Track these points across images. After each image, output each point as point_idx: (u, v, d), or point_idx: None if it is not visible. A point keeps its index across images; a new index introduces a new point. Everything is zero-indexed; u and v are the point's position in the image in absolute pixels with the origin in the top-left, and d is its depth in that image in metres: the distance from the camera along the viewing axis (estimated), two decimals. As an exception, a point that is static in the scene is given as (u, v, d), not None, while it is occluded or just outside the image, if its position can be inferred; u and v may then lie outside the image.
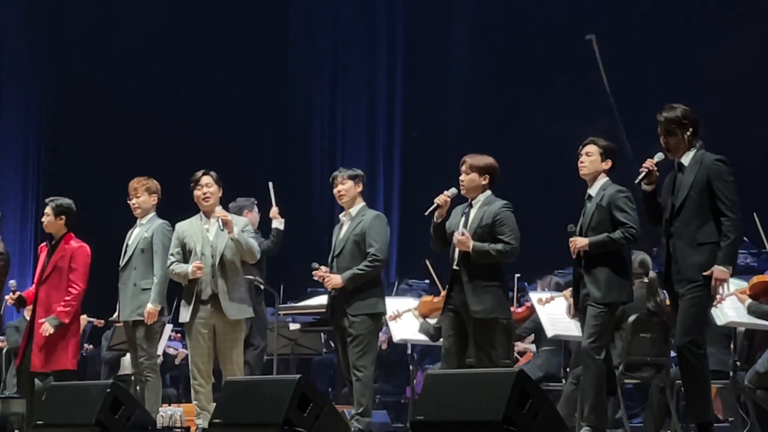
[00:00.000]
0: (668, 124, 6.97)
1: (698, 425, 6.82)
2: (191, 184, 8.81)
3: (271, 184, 10.20)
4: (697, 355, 6.79)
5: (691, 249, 6.86)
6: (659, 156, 7.06)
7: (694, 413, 6.95)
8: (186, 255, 8.73)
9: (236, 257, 8.70)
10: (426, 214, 7.96)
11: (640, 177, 7.03)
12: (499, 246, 7.73)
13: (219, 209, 8.73)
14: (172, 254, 8.77)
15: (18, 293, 9.38)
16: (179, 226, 8.85)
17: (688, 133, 6.97)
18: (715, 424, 7.03)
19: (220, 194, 8.85)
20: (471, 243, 7.71)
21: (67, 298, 9.20)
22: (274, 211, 10.16)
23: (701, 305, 6.87)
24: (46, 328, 9.06)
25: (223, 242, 8.68)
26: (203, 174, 8.80)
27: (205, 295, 8.62)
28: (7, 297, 9.41)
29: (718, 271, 6.78)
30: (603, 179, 7.55)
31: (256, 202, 10.50)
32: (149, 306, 8.91)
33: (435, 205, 7.92)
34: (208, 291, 8.62)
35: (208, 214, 8.79)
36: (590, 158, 7.55)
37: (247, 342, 9.87)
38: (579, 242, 7.41)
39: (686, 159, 6.98)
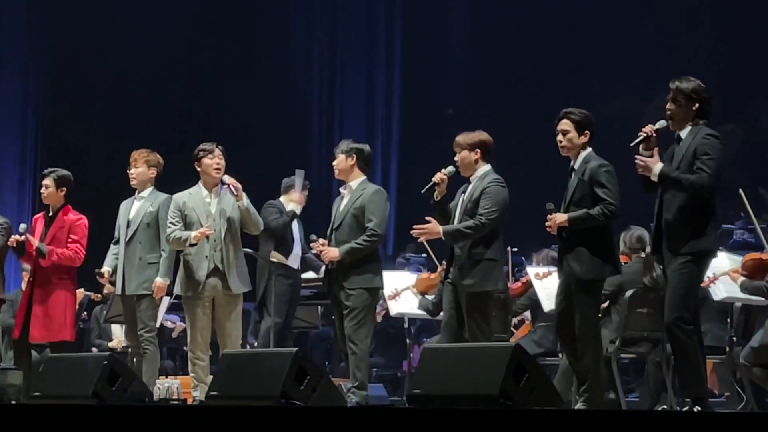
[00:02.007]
0: (677, 93, 6.95)
1: (692, 400, 6.84)
2: (199, 153, 8.78)
3: (300, 172, 10.25)
4: (685, 330, 6.77)
5: (677, 222, 6.85)
6: (661, 123, 7.02)
7: (686, 388, 6.96)
8: (187, 227, 8.73)
9: (239, 230, 8.71)
10: (423, 192, 7.97)
11: (636, 141, 7.01)
12: (469, 223, 7.74)
13: (227, 177, 8.72)
14: (172, 223, 8.76)
15: (25, 237, 9.33)
16: (178, 196, 8.84)
17: (694, 108, 6.93)
18: (710, 400, 7.04)
19: None
20: (440, 229, 7.76)
21: (67, 251, 9.21)
22: (300, 196, 10.29)
23: (690, 281, 6.84)
24: (30, 239, 9.18)
25: (226, 214, 8.67)
26: (217, 145, 8.80)
27: (208, 269, 8.63)
28: (14, 237, 9.37)
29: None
30: (585, 151, 7.40)
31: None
32: (158, 280, 8.92)
33: (432, 182, 7.93)
34: (210, 264, 8.63)
35: (209, 186, 8.78)
36: (567, 136, 7.40)
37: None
38: (558, 218, 7.30)
39: (684, 132, 6.97)
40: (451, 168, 7.96)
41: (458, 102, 16.83)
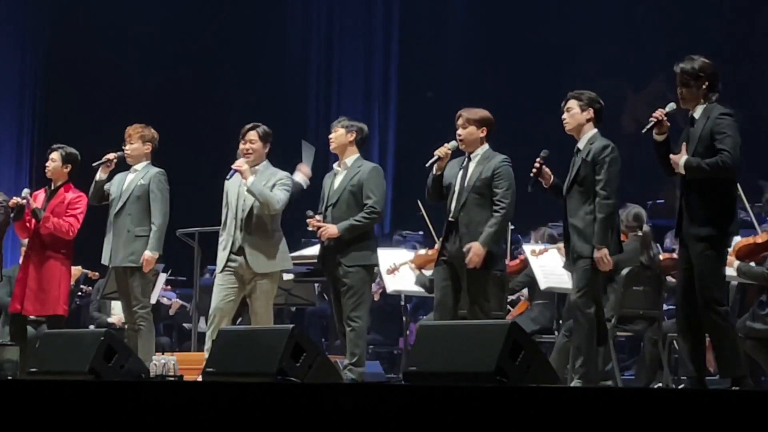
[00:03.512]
0: (683, 75, 6.91)
1: (732, 380, 6.82)
2: (240, 138, 8.74)
3: (304, 144, 10.24)
4: (720, 312, 6.74)
5: (698, 205, 6.83)
6: (671, 106, 6.99)
7: (725, 370, 6.90)
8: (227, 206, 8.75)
9: (263, 210, 8.62)
10: (426, 165, 7.98)
11: (648, 126, 6.99)
12: (497, 218, 7.74)
13: (240, 161, 8.66)
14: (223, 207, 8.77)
15: (25, 200, 9.33)
16: (228, 182, 8.78)
17: (704, 87, 6.89)
18: (707, 378, 7.05)
19: (266, 150, 8.75)
20: (479, 246, 7.67)
21: (62, 221, 9.22)
22: (305, 168, 10.23)
23: (714, 261, 6.81)
24: (30, 201, 9.25)
25: (243, 195, 8.63)
26: (250, 129, 8.72)
27: (232, 248, 8.59)
28: (15, 198, 9.39)
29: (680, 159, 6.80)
30: (590, 132, 7.48)
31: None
32: (147, 253, 8.89)
33: (435, 157, 7.92)
34: (236, 244, 8.58)
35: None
36: (570, 113, 7.50)
37: None
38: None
39: (697, 112, 6.92)
40: (454, 143, 7.97)
41: (454, 78, 16.81)
